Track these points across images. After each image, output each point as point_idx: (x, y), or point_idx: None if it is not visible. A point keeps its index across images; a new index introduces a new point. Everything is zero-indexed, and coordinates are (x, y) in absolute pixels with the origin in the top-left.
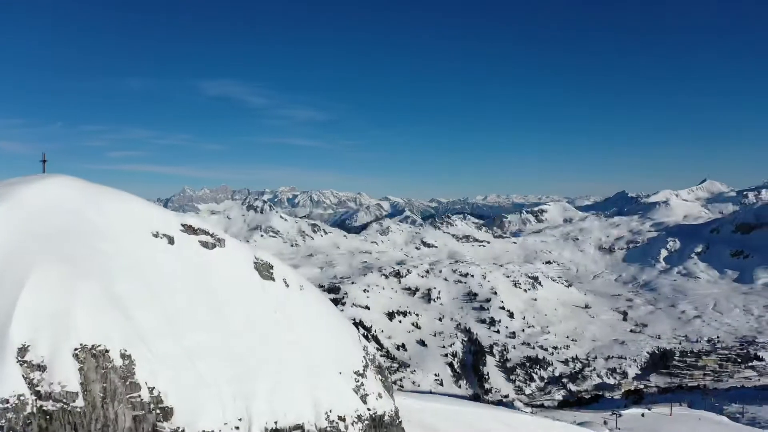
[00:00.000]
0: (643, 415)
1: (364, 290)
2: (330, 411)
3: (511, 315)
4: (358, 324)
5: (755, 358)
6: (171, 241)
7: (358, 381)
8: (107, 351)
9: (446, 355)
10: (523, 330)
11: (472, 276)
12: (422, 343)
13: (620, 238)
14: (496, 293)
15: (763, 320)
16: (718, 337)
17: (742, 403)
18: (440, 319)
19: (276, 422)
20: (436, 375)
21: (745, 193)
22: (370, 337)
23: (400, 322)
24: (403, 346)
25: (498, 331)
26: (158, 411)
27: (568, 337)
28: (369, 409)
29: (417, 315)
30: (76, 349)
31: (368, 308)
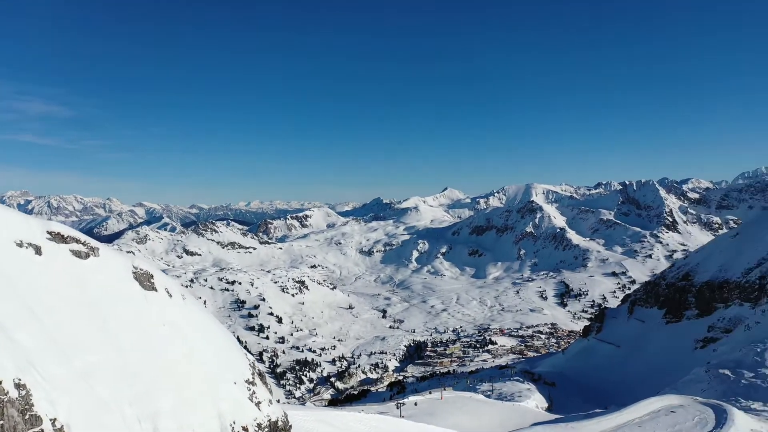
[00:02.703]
0: (416, 404)
1: None
2: (234, 422)
3: (280, 320)
4: None
5: (490, 343)
6: (38, 251)
7: (250, 389)
8: (0, 382)
9: None
10: (292, 334)
11: (240, 283)
12: None
13: (378, 241)
14: (264, 299)
15: (494, 309)
16: (461, 327)
17: (490, 382)
18: None
19: None
20: None
21: (477, 200)
22: None
23: None
24: None
25: (267, 338)
26: None
27: (334, 338)
28: (266, 417)
29: None
30: None
31: None
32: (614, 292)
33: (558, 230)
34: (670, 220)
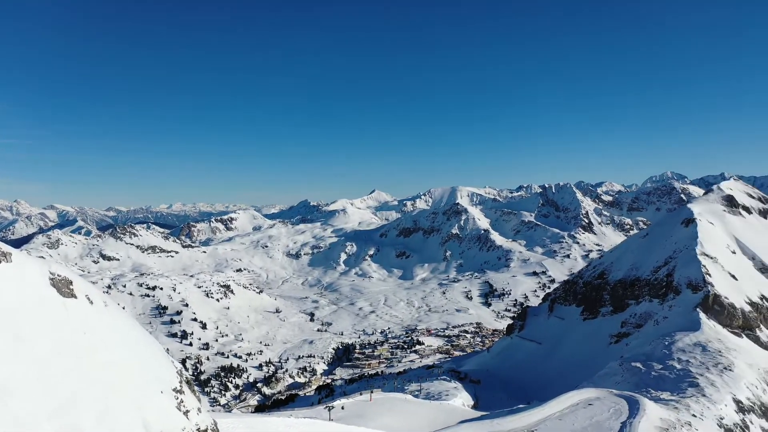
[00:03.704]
0: (342, 407)
1: None
2: None
3: (204, 326)
4: None
5: (417, 343)
6: None
7: (177, 398)
8: None
9: None
10: (217, 340)
11: (161, 289)
12: None
13: (306, 243)
14: (187, 305)
15: (422, 310)
16: (389, 329)
17: (418, 382)
18: None
19: None
20: None
21: (404, 202)
22: None
23: None
24: None
25: (191, 344)
26: None
27: (261, 342)
28: (194, 426)
29: None
30: None
31: None
32: (535, 291)
33: (482, 232)
34: (586, 221)
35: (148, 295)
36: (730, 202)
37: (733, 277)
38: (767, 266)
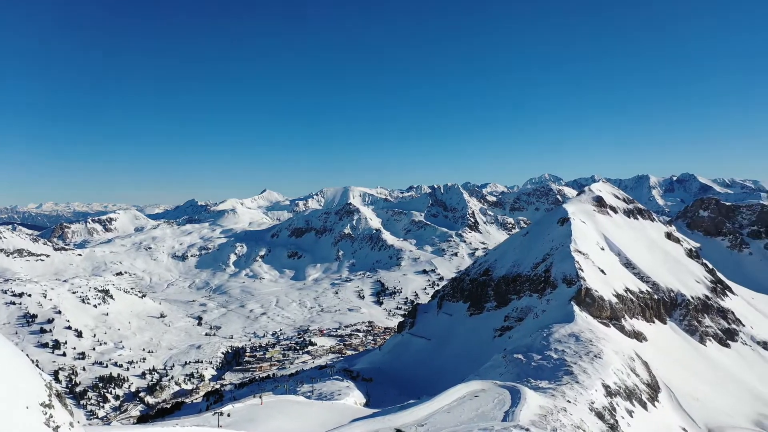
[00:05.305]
0: (229, 415)
1: None
2: None
3: (80, 334)
4: None
5: (310, 344)
6: None
7: (46, 413)
8: None
9: None
10: (94, 348)
11: (29, 295)
12: None
13: (193, 245)
14: (60, 312)
15: (314, 311)
16: (281, 330)
17: (310, 383)
18: None
19: None
20: None
21: (296, 202)
22: None
23: None
24: None
25: (64, 354)
26: None
27: (144, 350)
28: None
29: None
30: None
31: None
32: (425, 288)
33: (374, 231)
34: (473, 221)
35: (13, 303)
36: (600, 202)
37: (602, 271)
38: (631, 261)
